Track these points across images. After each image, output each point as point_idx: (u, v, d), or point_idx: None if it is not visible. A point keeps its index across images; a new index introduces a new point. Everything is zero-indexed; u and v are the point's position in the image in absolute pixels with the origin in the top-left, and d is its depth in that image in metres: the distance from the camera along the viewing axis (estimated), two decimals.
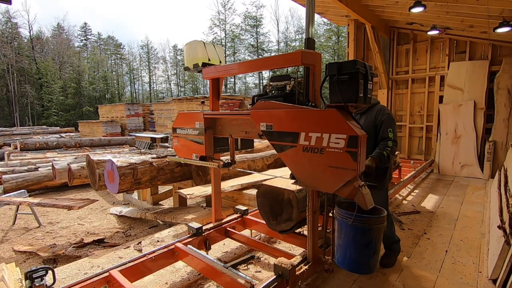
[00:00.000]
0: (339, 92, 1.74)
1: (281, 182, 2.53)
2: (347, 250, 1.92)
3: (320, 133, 1.71)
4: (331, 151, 1.67)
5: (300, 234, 2.80)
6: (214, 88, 2.80)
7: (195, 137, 2.57)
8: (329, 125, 1.68)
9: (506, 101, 6.18)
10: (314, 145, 1.74)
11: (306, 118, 1.79)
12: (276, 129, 1.93)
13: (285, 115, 1.90)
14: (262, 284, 1.86)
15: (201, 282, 2.55)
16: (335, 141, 1.66)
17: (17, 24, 36.97)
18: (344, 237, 1.91)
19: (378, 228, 1.87)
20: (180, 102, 15.97)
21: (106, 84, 44.20)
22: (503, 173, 4.57)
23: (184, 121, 2.72)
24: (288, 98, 2.08)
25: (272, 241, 3.30)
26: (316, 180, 1.80)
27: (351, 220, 1.81)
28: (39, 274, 1.81)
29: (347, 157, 1.61)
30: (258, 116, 2.04)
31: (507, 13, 4.72)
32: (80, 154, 9.64)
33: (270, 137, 1.98)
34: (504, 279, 2.25)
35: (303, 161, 1.81)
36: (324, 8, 7.32)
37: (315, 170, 1.77)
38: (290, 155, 1.87)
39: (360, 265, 1.92)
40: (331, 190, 1.76)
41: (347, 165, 1.62)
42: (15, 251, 4.24)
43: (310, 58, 1.92)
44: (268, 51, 40.95)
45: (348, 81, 1.72)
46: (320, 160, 1.72)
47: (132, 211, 5.35)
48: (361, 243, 1.86)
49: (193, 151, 2.62)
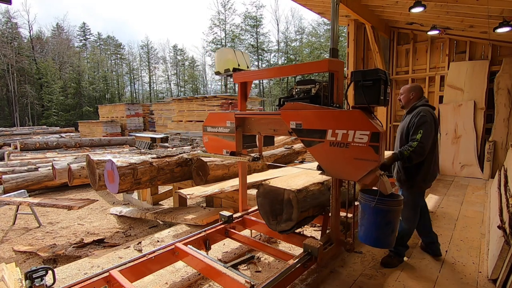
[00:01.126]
0: (363, 95, 2.03)
1: (281, 182, 2.53)
2: (370, 229, 2.25)
3: (346, 130, 1.98)
4: (355, 145, 1.94)
5: (300, 234, 2.80)
6: (242, 90, 3.03)
7: (226, 135, 2.84)
8: (354, 123, 1.95)
9: (506, 101, 6.18)
10: (340, 140, 2.01)
11: (333, 117, 2.06)
12: (305, 127, 2.20)
13: (313, 114, 2.17)
14: (262, 284, 1.86)
15: (201, 282, 2.56)
16: (359, 137, 1.92)
17: (17, 24, 37.03)
18: (367, 217, 2.24)
19: (396, 210, 2.20)
20: (180, 102, 15.96)
21: (106, 84, 44.21)
22: (503, 173, 4.57)
23: (214, 120, 2.97)
24: (313, 100, 2.37)
25: (272, 241, 3.30)
26: (341, 170, 2.06)
27: (373, 203, 2.16)
28: (39, 274, 1.81)
29: (370, 150, 1.87)
30: (288, 116, 2.30)
31: (507, 13, 4.72)
32: (80, 154, 9.65)
33: (299, 134, 2.24)
34: (504, 279, 2.25)
35: (330, 154, 2.07)
36: (324, 8, 7.32)
37: (341, 162, 2.02)
38: (318, 149, 2.13)
39: (381, 241, 2.26)
40: (355, 178, 2.02)
41: (370, 157, 1.88)
42: (15, 251, 4.24)
43: (335, 65, 2.23)
44: (268, 51, 40.95)
45: (371, 86, 2.01)
46: (346, 153, 1.98)
47: (132, 211, 5.35)
48: (382, 223, 2.20)
49: (223, 147, 2.89)
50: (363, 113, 1.94)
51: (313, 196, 2.44)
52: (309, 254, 2.23)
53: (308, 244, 2.24)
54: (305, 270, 2.30)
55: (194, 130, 14.77)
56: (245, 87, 3.03)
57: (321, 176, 2.73)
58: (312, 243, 2.25)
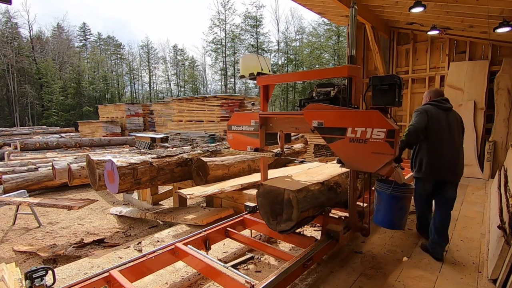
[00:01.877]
0: (381, 97, 2.34)
1: (281, 182, 2.53)
2: (385, 213, 2.61)
3: (365, 127, 2.22)
4: (373, 141, 2.18)
5: (300, 234, 2.80)
6: (265, 93, 3.27)
7: (250, 133, 3.12)
8: (372, 122, 2.19)
9: (506, 101, 6.18)
10: (359, 137, 2.25)
11: (353, 116, 2.31)
12: (326, 125, 2.45)
13: (334, 114, 2.42)
14: (262, 284, 1.86)
15: (201, 282, 2.55)
16: (376, 133, 2.17)
17: (17, 24, 37.02)
18: (383, 203, 2.61)
19: (408, 197, 2.56)
20: (180, 102, 15.96)
21: (106, 84, 44.20)
22: (503, 173, 4.57)
23: (239, 119, 3.25)
24: (333, 101, 2.65)
25: (272, 241, 3.30)
26: (360, 163, 2.30)
27: (389, 190, 2.52)
28: (39, 274, 1.81)
29: (386, 145, 2.12)
30: (310, 115, 2.55)
31: (507, 13, 4.72)
32: (80, 154, 9.64)
33: (321, 132, 2.50)
34: (504, 279, 2.25)
35: (349, 149, 2.32)
36: (324, 8, 7.32)
37: (360, 155, 2.27)
38: (339, 145, 2.38)
39: (395, 223, 2.62)
40: (373, 170, 2.25)
41: (386, 151, 2.13)
42: (15, 251, 4.24)
43: (353, 71, 2.49)
44: (268, 51, 40.89)
45: (388, 89, 2.32)
46: (364, 148, 2.23)
47: (132, 211, 5.35)
48: (396, 208, 2.56)
49: (247, 144, 3.16)
50: (380, 113, 2.18)
51: (313, 196, 2.44)
52: (331, 237, 2.54)
53: (331, 229, 2.56)
54: (305, 270, 2.31)
55: (194, 130, 14.77)
56: (267, 90, 3.29)
57: (321, 176, 2.74)
58: (334, 227, 2.56)
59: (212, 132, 13.62)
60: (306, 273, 2.52)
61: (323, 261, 2.74)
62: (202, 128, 14.39)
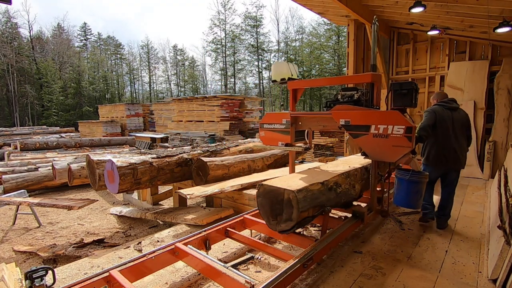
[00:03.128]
0: (400, 100, 2.89)
1: (281, 182, 2.53)
2: (404, 195, 3.14)
3: (386, 125, 2.66)
4: (393, 136, 2.63)
5: (300, 234, 2.81)
6: (293, 95, 3.70)
7: (282, 130, 3.58)
8: (393, 120, 2.63)
9: (506, 101, 6.18)
10: (381, 132, 2.70)
11: (375, 116, 2.76)
12: (352, 123, 2.90)
13: (360, 114, 2.86)
14: (262, 284, 1.86)
15: (201, 282, 2.55)
16: (396, 130, 2.62)
17: (17, 24, 37.01)
18: (402, 187, 3.14)
19: (424, 182, 3.09)
20: (180, 102, 15.96)
21: (106, 84, 44.20)
22: (503, 173, 4.57)
23: (271, 119, 3.75)
24: (356, 103, 3.08)
25: (272, 241, 3.30)
26: (382, 154, 2.78)
27: (408, 176, 3.06)
28: (39, 274, 1.81)
29: (405, 139, 2.57)
30: (338, 115, 3.01)
31: (507, 13, 4.72)
32: (80, 154, 9.65)
33: (348, 128, 2.95)
34: (504, 279, 2.25)
35: (373, 143, 2.77)
36: (324, 8, 7.32)
37: (382, 148, 2.73)
38: (363, 139, 2.84)
39: (412, 204, 3.14)
40: (393, 160, 2.72)
41: (405, 144, 2.58)
42: (15, 251, 4.25)
43: (375, 78, 2.97)
44: (268, 51, 40.91)
45: (406, 93, 2.87)
46: (386, 142, 2.68)
47: (132, 211, 5.35)
48: (413, 191, 3.07)
49: (279, 140, 3.63)
50: (400, 113, 2.62)
51: (313, 196, 2.44)
52: (357, 217, 2.97)
53: (357, 210, 3.01)
54: (305, 270, 2.31)
55: (194, 130, 14.78)
56: (295, 93, 3.71)
57: (321, 176, 2.74)
58: (359, 209, 3.01)
59: (212, 132, 13.63)
60: (306, 273, 2.52)
61: (323, 261, 2.74)
62: (202, 128, 14.39)
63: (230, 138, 12.88)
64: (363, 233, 3.41)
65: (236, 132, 13.75)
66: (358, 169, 3.24)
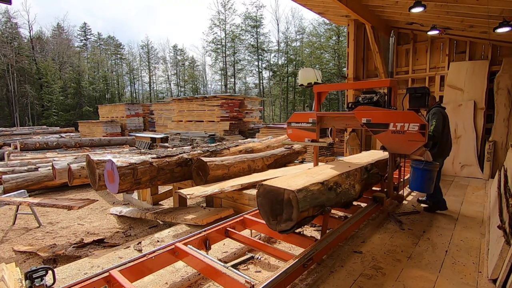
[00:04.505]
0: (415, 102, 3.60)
1: (281, 182, 2.53)
2: (419, 182, 3.80)
3: (403, 123, 3.19)
4: (409, 132, 3.15)
5: (300, 234, 2.81)
6: (318, 98, 4.20)
7: (308, 128, 4.15)
8: (409, 119, 3.17)
9: (506, 101, 6.18)
10: (399, 129, 3.22)
11: (394, 115, 3.30)
12: (373, 122, 3.44)
13: (380, 113, 3.41)
14: (262, 284, 1.86)
15: (201, 282, 2.55)
16: (412, 127, 3.13)
17: (17, 24, 37.00)
18: (417, 175, 3.78)
19: (435, 170, 3.74)
20: (180, 102, 15.96)
21: (106, 84, 44.18)
22: (503, 173, 4.56)
23: (298, 118, 4.30)
24: (376, 104, 3.66)
25: (272, 241, 3.30)
26: (399, 148, 3.32)
27: (421, 165, 3.70)
28: (39, 274, 1.81)
29: (419, 135, 3.09)
30: (360, 114, 3.55)
31: (507, 13, 4.72)
32: (80, 154, 9.65)
33: (369, 126, 3.47)
34: (504, 279, 2.25)
35: (391, 138, 3.30)
36: (324, 8, 7.32)
37: (399, 142, 3.25)
38: (383, 135, 3.37)
39: (425, 189, 3.83)
40: (409, 152, 3.27)
41: (419, 139, 3.11)
42: (15, 251, 4.25)
43: (393, 83, 3.59)
44: (268, 51, 40.87)
45: (421, 96, 3.59)
46: (403, 137, 3.20)
47: (132, 211, 5.35)
48: (426, 178, 3.73)
49: (305, 136, 4.20)
50: (415, 113, 3.16)
51: (313, 196, 2.44)
52: (377, 202, 3.57)
53: (377, 195, 3.61)
54: (305, 270, 2.31)
55: (194, 130, 14.78)
56: (320, 96, 4.23)
57: (321, 176, 2.74)
58: (379, 194, 3.61)
59: (212, 132, 13.63)
60: (306, 273, 2.52)
61: (323, 261, 2.74)
62: (202, 128, 14.39)
63: (230, 138, 12.88)
64: (363, 233, 3.41)
65: (236, 132, 13.75)
66: (358, 169, 3.24)
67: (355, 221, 3.06)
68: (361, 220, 3.23)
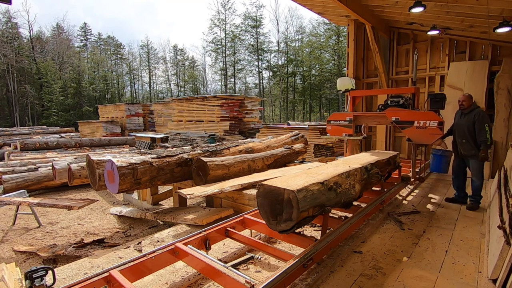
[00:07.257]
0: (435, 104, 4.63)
1: (281, 182, 2.53)
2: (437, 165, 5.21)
3: (425, 120, 4.42)
4: (430, 127, 4.40)
5: (300, 234, 2.81)
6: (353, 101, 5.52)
7: (346, 125, 5.41)
8: (430, 117, 4.42)
9: (506, 101, 6.18)
10: (422, 125, 4.46)
11: (418, 115, 4.57)
12: (401, 120, 4.69)
13: (407, 113, 4.68)
14: (262, 284, 1.86)
15: (201, 282, 2.55)
16: (432, 123, 4.39)
17: (17, 24, 36.98)
18: (436, 160, 5.20)
19: (450, 156, 4.83)
20: (180, 102, 15.96)
21: (106, 84, 44.19)
22: (503, 173, 4.56)
23: (337, 117, 5.57)
24: (402, 106, 4.91)
25: (272, 241, 3.30)
26: (422, 139, 4.58)
27: (440, 153, 5.12)
28: (39, 274, 1.81)
29: (438, 129, 4.37)
30: (391, 114, 4.82)
31: (507, 13, 4.72)
32: (80, 154, 9.65)
33: (398, 123, 4.74)
34: (504, 279, 2.25)
35: (415, 132, 4.55)
36: (324, 8, 7.32)
37: (422, 135, 4.51)
38: (409, 130, 4.62)
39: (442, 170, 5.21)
40: (429, 143, 4.54)
41: (438, 132, 4.38)
42: (15, 251, 4.25)
43: (416, 90, 4.94)
44: (268, 51, 40.90)
45: (439, 100, 4.64)
46: (425, 131, 4.45)
47: (132, 211, 5.35)
48: (443, 162, 5.12)
49: (343, 131, 5.46)
50: (434, 113, 4.42)
51: (313, 196, 2.44)
52: (404, 180, 4.74)
53: (404, 176, 4.76)
54: (305, 270, 2.31)
55: (194, 130, 14.78)
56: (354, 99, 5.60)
57: (321, 176, 2.74)
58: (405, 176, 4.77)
59: (212, 132, 13.62)
60: (306, 273, 2.52)
61: (323, 261, 2.74)
62: (202, 128, 14.39)
63: (230, 138, 12.88)
64: (363, 233, 3.41)
65: (236, 132, 13.75)
66: (358, 169, 3.24)
67: (355, 221, 3.10)
68: (361, 220, 3.28)
